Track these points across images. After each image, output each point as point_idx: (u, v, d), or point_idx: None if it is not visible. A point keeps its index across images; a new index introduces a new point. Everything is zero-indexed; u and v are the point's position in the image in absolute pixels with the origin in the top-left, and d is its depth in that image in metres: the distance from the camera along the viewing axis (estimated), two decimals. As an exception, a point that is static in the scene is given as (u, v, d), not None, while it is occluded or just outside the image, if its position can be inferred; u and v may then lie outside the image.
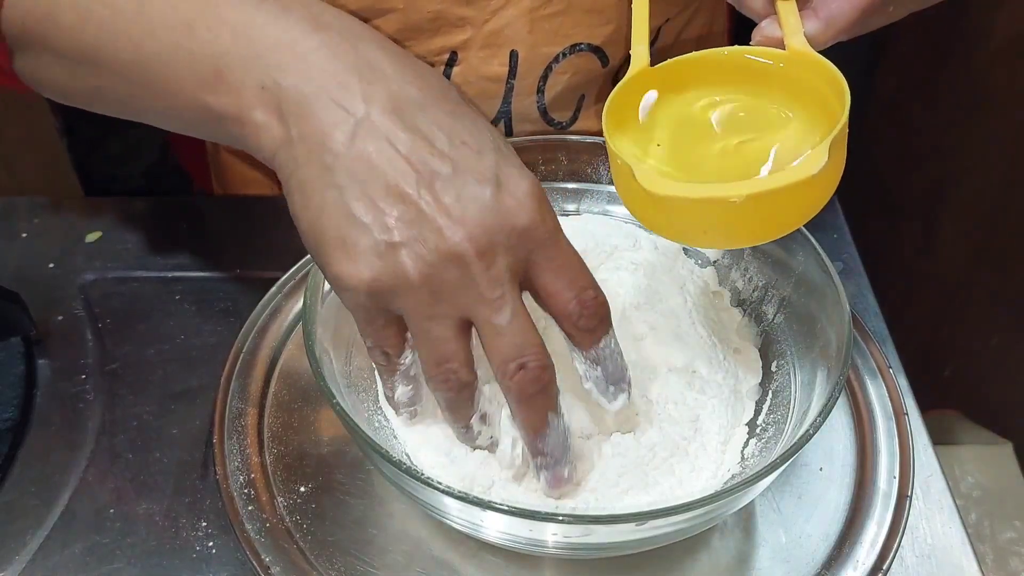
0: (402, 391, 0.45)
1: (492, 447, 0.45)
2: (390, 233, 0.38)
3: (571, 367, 0.43)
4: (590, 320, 0.41)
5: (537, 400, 0.40)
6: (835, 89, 0.41)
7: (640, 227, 0.57)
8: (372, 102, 0.40)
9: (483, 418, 0.44)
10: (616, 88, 0.45)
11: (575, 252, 0.41)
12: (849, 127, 0.41)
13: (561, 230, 0.41)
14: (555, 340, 0.43)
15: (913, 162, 1.16)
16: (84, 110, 0.51)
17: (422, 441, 0.47)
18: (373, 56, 0.42)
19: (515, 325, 0.39)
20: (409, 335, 0.42)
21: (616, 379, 0.43)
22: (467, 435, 0.44)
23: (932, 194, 1.13)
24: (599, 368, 0.42)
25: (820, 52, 0.43)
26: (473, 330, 0.41)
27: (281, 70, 0.41)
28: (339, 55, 0.41)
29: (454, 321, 0.40)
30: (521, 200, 0.39)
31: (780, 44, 0.44)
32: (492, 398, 0.44)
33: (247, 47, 0.42)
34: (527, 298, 0.41)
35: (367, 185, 0.39)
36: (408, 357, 0.43)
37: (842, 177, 0.42)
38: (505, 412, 0.44)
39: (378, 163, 0.39)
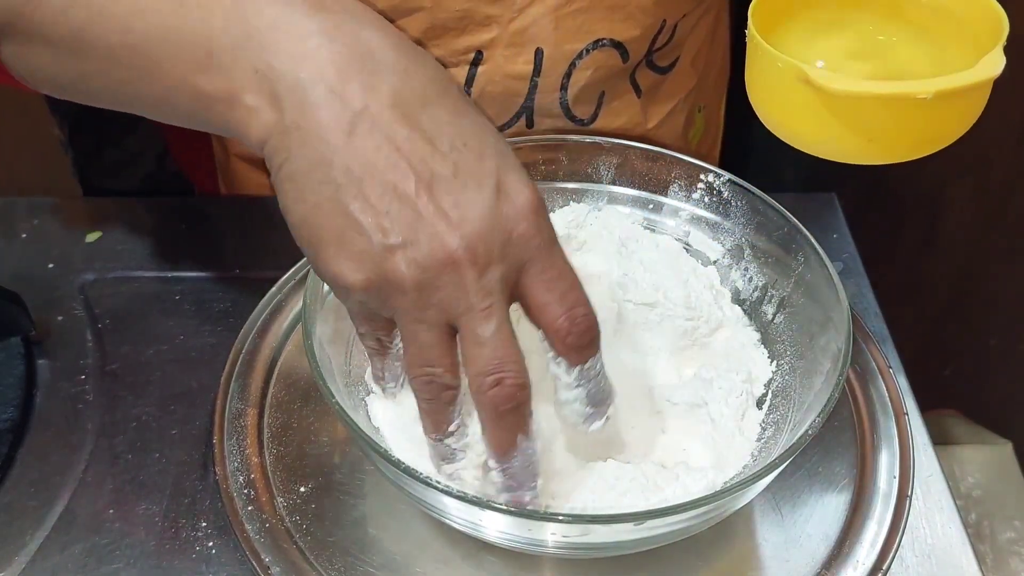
0: (393, 370, 0.45)
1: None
2: (386, 235, 0.37)
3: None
4: (579, 338, 0.39)
5: (509, 419, 0.39)
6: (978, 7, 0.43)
7: (642, 226, 0.57)
8: (373, 94, 0.39)
9: (460, 433, 0.42)
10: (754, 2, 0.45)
11: (570, 267, 0.40)
12: None
13: (557, 243, 0.40)
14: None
15: (913, 162, 1.16)
16: (81, 117, 0.51)
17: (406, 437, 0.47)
18: (375, 43, 0.40)
19: (498, 338, 0.38)
20: None
21: (598, 401, 0.42)
22: (441, 449, 0.43)
23: (932, 194, 1.13)
24: (582, 389, 0.41)
25: None
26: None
27: (276, 53, 0.39)
28: (338, 40, 0.39)
29: (442, 326, 0.39)
30: (520, 209, 0.38)
31: None
32: (470, 413, 0.43)
33: (240, 27, 0.40)
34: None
35: (364, 183, 0.38)
36: (399, 338, 0.42)
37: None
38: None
39: (377, 161, 0.38)
